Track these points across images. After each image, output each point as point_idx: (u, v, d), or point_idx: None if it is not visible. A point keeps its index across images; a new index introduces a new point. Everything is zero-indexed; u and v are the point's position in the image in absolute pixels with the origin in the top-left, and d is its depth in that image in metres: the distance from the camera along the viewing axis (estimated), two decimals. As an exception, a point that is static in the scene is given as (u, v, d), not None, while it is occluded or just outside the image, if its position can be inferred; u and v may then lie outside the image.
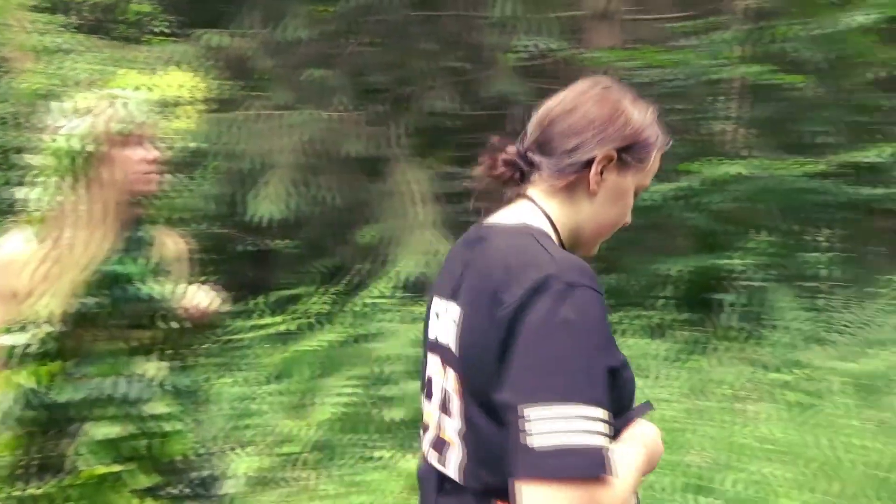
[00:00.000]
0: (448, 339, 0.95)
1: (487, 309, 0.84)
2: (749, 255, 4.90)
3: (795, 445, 3.26)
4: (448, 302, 0.98)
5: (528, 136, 1.02)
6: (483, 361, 0.85)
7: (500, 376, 0.81)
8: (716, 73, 5.31)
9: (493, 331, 0.83)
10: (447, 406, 0.96)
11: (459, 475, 0.92)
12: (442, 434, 0.97)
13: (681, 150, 5.90)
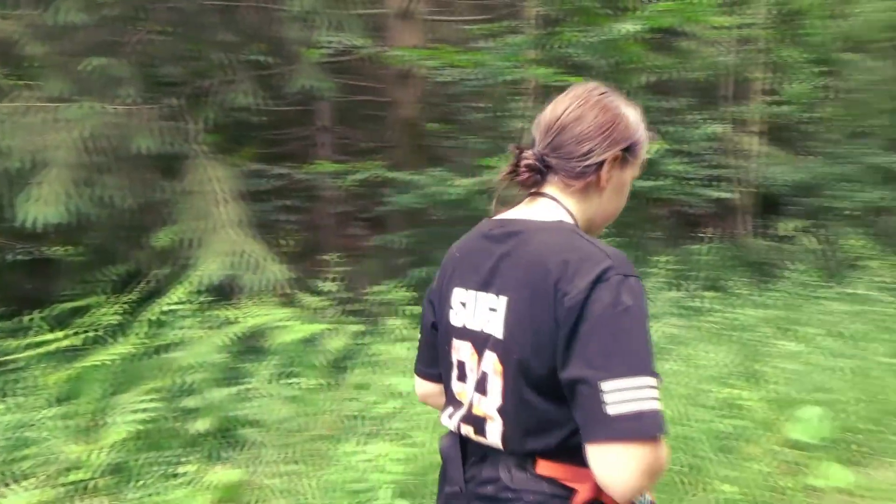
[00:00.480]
0: (485, 325, 1.07)
1: (547, 298, 0.97)
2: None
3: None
4: (478, 292, 1.10)
5: (540, 142, 1.14)
6: (541, 345, 0.97)
7: (566, 356, 0.94)
8: (511, 74, 5.65)
9: (555, 318, 0.95)
10: (483, 386, 1.08)
11: (502, 443, 1.05)
12: (475, 411, 1.10)
13: (482, 147, 6.24)
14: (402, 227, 6.17)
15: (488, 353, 1.07)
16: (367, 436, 3.39)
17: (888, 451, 3.87)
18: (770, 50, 8.71)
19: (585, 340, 0.93)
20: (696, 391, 3.83)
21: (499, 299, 1.06)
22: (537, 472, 1.04)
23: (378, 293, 5.04)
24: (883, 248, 7.12)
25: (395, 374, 3.91)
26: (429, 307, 1.28)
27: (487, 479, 1.09)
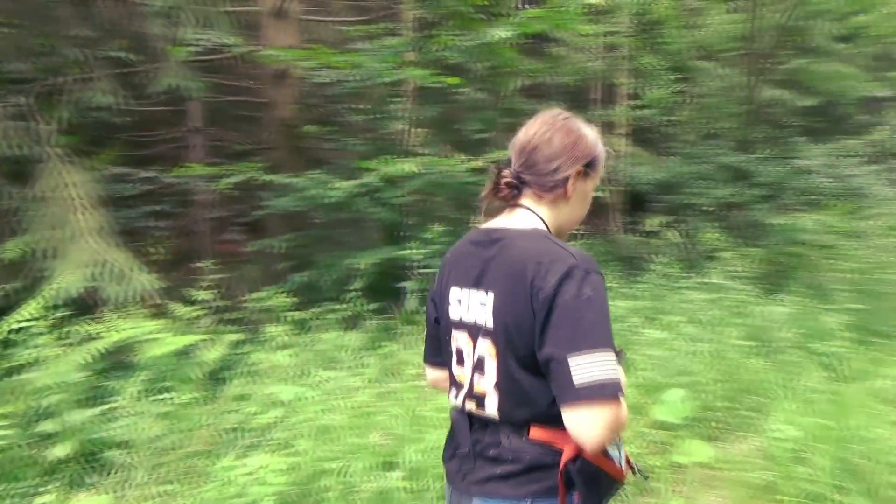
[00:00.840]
0: (478, 317, 1.31)
1: (525, 293, 1.21)
2: (427, 244, 5.35)
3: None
4: (471, 290, 1.34)
5: (516, 161, 1.37)
6: (522, 330, 1.22)
7: (542, 339, 1.18)
8: (389, 75, 5.65)
9: (533, 309, 1.19)
10: (482, 367, 1.31)
11: (498, 414, 1.30)
12: (476, 389, 1.33)
13: (362, 148, 6.20)
14: (282, 231, 6.01)
15: (482, 340, 1.32)
16: (248, 448, 3.27)
17: (742, 425, 4.23)
18: (633, 57, 9.28)
19: (556, 325, 1.18)
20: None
21: (487, 295, 1.30)
22: (531, 438, 1.29)
23: (257, 300, 4.89)
24: (734, 240, 7.78)
25: (277, 383, 3.81)
26: (431, 305, 1.51)
27: (490, 444, 1.34)
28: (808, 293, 6.55)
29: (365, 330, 4.83)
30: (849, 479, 3.35)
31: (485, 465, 1.35)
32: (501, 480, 1.31)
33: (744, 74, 8.86)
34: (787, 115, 9.88)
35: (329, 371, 4.00)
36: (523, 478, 1.30)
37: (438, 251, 5.36)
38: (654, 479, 3.50)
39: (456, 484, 1.43)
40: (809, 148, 8.64)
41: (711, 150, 8.31)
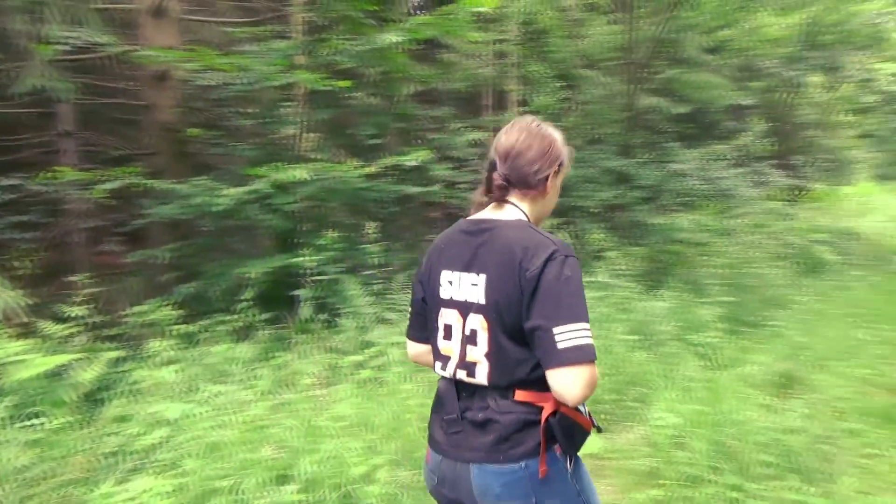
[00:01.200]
0: (469, 296, 1.52)
1: (514, 274, 1.43)
2: (321, 251, 5.26)
3: (366, 417, 3.63)
4: (462, 273, 1.54)
5: (502, 165, 1.59)
6: (511, 305, 1.44)
7: (528, 312, 1.41)
8: (277, 79, 5.51)
9: (521, 287, 1.42)
10: (474, 339, 1.51)
11: (487, 380, 1.50)
12: (468, 358, 1.53)
13: (251, 153, 6.02)
14: (166, 241, 5.71)
15: (473, 316, 1.52)
16: (130, 472, 3.08)
17: (628, 416, 4.46)
18: (521, 64, 9.55)
19: (541, 301, 1.40)
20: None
21: (479, 276, 1.51)
22: (515, 399, 1.50)
23: (139, 314, 4.61)
24: (619, 239, 8.19)
25: (162, 401, 3.61)
26: (418, 286, 1.70)
27: (479, 408, 1.53)
28: (686, 288, 7.00)
29: (257, 341, 4.68)
30: (723, 460, 3.60)
31: (475, 432, 1.53)
32: (494, 448, 1.49)
33: (624, 83, 9.35)
34: (663, 121, 10.52)
35: (219, 385, 3.84)
36: (512, 441, 1.48)
37: (333, 258, 5.29)
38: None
39: (448, 453, 1.57)
40: (683, 152, 9.25)
41: (596, 155, 8.69)
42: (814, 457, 3.74)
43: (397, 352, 4.40)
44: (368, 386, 4.09)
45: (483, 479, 1.50)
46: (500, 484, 1.49)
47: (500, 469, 1.49)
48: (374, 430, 3.49)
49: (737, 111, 13.52)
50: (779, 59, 13.11)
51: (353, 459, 3.14)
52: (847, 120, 18.15)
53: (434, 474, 1.63)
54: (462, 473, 1.53)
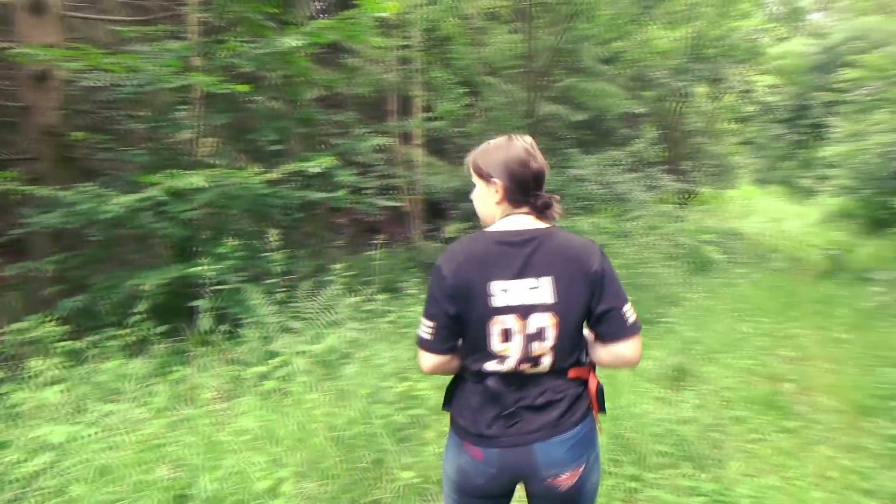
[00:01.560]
0: (528, 299, 1.72)
1: (581, 272, 1.73)
2: (221, 259, 5.08)
3: (270, 430, 3.53)
4: (515, 280, 1.72)
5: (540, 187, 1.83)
6: (581, 298, 1.74)
7: (600, 299, 1.74)
8: (170, 81, 5.27)
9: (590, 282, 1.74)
10: (541, 335, 1.73)
11: (550, 367, 1.76)
12: (533, 353, 1.74)
13: (144, 159, 5.73)
14: (49, 252, 5.33)
15: (538, 315, 1.74)
16: (10, 502, 2.86)
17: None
18: (425, 71, 9.63)
19: (607, 288, 1.75)
20: (376, 389, 4.04)
21: (539, 280, 1.73)
22: (569, 377, 1.81)
23: (19, 331, 4.28)
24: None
25: (45, 423, 3.36)
26: (447, 303, 1.76)
27: (536, 394, 1.78)
28: (586, 289, 7.27)
29: (152, 355, 4.46)
30: (622, 453, 3.77)
31: (534, 416, 1.77)
32: (558, 422, 1.77)
33: (524, 90, 9.61)
34: (562, 128, 10.91)
35: (110, 404, 3.63)
36: (571, 411, 1.79)
37: (234, 266, 5.11)
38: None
39: (502, 443, 1.77)
40: (582, 158, 9.62)
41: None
42: (705, 444, 3.98)
43: (302, 361, 4.31)
44: (273, 397, 3.98)
45: (548, 452, 1.77)
46: (564, 450, 1.78)
47: (563, 437, 1.77)
48: (278, 443, 3.40)
49: (631, 119, 14.21)
50: (668, 70, 13.90)
51: (256, 474, 3.05)
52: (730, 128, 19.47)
53: (491, 468, 1.79)
54: (524, 456, 1.77)
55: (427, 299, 1.83)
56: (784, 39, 15.73)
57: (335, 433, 3.50)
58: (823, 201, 21.00)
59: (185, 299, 5.13)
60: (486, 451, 1.78)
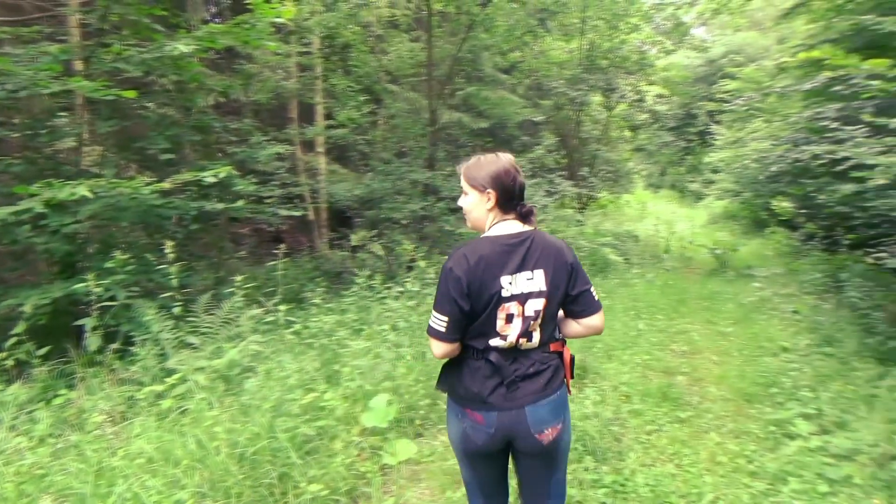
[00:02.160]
0: (525, 288, 2.12)
1: (563, 264, 2.16)
2: (110, 275, 4.79)
3: (166, 451, 3.36)
4: (517, 274, 2.11)
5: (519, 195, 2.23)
6: (563, 284, 2.16)
7: (573, 284, 2.18)
8: (48, 86, 4.93)
9: (569, 272, 2.17)
10: (536, 316, 2.14)
11: (539, 342, 2.18)
12: (530, 329, 2.15)
13: (19, 168, 5.34)
14: None
15: (533, 300, 2.13)
16: None
17: (441, 419, 4.60)
18: (326, 78, 9.52)
19: (579, 275, 2.21)
20: (281, 402, 3.93)
21: (534, 272, 2.14)
22: (550, 350, 2.24)
23: None
24: (427, 249, 8.44)
25: None
26: (462, 300, 2.10)
27: (527, 365, 2.18)
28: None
29: (33, 380, 4.14)
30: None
31: (527, 383, 2.17)
32: (544, 387, 2.19)
33: (426, 98, 9.69)
34: (464, 135, 11.08)
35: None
36: (553, 378, 2.22)
37: (124, 281, 4.84)
38: (366, 484, 3.62)
39: (505, 407, 2.17)
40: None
41: (403, 168, 8.90)
42: (606, 438, 4.13)
43: (202, 377, 4.13)
44: (170, 417, 3.79)
45: (536, 413, 2.17)
46: (547, 410, 2.18)
47: (548, 400, 2.18)
48: (176, 464, 3.24)
49: (530, 127, 14.63)
50: (564, 80, 14.42)
51: (152, 498, 2.89)
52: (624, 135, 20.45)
53: (490, 428, 2.18)
54: (517, 417, 2.16)
55: (439, 297, 2.15)
56: (670, 52, 16.64)
57: (238, 450, 3.38)
58: (710, 204, 22.45)
59: (72, 318, 4.81)
60: (486, 414, 2.17)
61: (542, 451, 2.22)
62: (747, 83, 16.28)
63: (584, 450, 3.94)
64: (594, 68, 14.81)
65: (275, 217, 7.00)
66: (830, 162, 7.24)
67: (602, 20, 13.88)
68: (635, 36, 15.31)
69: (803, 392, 4.75)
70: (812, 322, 6.68)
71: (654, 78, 16.77)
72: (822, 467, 3.66)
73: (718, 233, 17.20)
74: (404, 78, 10.11)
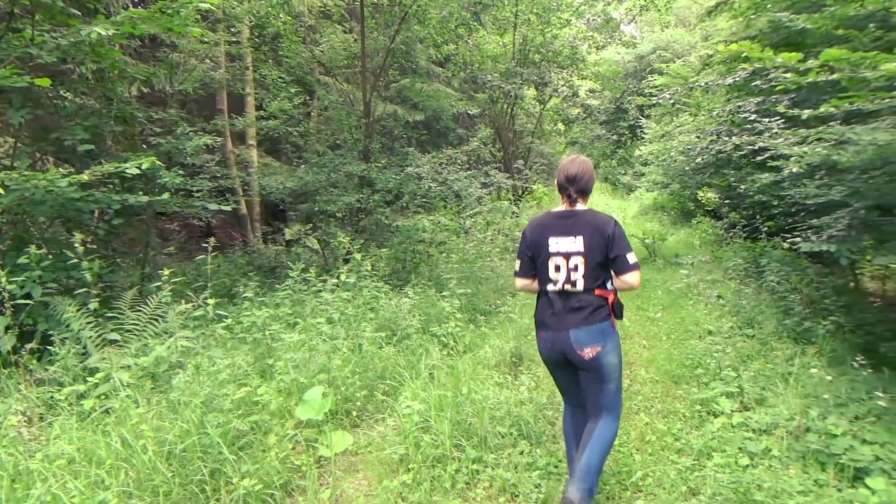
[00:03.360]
0: (570, 248, 3.04)
1: (602, 233, 3.00)
2: (24, 271, 4.55)
3: (89, 451, 3.23)
4: (564, 237, 3.06)
5: (572, 186, 3.09)
6: (600, 249, 3.00)
7: (612, 249, 2.99)
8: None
9: (605, 239, 3.00)
10: (576, 268, 3.03)
11: (582, 287, 3.04)
12: (572, 278, 3.04)
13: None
14: None
15: (574, 257, 3.01)
16: None
17: (378, 409, 4.58)
18: (256, 68, 9.29)
19: (616, 244, 2.97)
20: (211, 397, 3.83)
21: (576, 238, 3.01)
22: (595, 294, 3.02)
23: None
24: (363, 242, 8.37)
25: None
26: (528, 249, 3.19)
27: (574, 302, 3.02)
28: (429, 284, 7.41)
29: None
30: (464, 437, 3.88)
31: (572, 314, 3.02)
32: (585, 319, 3.00)
33: (360, 90, 9.59)
34: (399, 128, 11.04)
35: None
36: (592, 315, 3.00)
37: (40, 278, 4.60)
38: (301, 477, 3.57)
39: (554, 329, 3.07)
40: (420, 157, 9.77)
41: (338, 160, 8.78)
42: (540, 422, 4.20)
43: (126, 375, 3.98)
44: (94, 417, 3.63)
45: (576, 335, 3.01)
46: (585, 334, 3.00)
47: (587, 328, 3.00)
48: (100, 464, 3.11)
49: (466, 120, 14.70)
50: (498, 74, 14.54)
51: (74, 500, 2.77)
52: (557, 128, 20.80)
53: (548, 342, 3.12)
54: (563, 337, 3.04)
55: (518, 250, 3.30)
56: (601, 48, 17.02)
57: (166, 448, 3.27)
58: (640, 196, 23.13)
59: (-19, 318, 4.53)
60: (546, 333, 3.14)
61: (588, 366, 3.05)
62: (674, 78, 16.83)
63: (520, 434, 4.00)
64: (527, 62, 15.00)
65: (204, 211, 6.78)
66: (751, 153, 7.56)
67: (534, 14, 14.06)
68: (567, 31, 15.58)
69: (726, 372, 4.95)
70: (735, 306, 6.97)
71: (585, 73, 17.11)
72: (743, 442, 3.82)
73: (648, 223, 17.74)
74: (338, 69, 9.98)
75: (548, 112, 18.05)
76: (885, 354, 4.96)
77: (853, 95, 3.94)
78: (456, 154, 10.48)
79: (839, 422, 3.73)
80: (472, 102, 13.89)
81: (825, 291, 6.26)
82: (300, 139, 9.69)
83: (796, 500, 3.18)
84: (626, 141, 28.40)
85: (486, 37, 14.45)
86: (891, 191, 4.50)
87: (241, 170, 9.33)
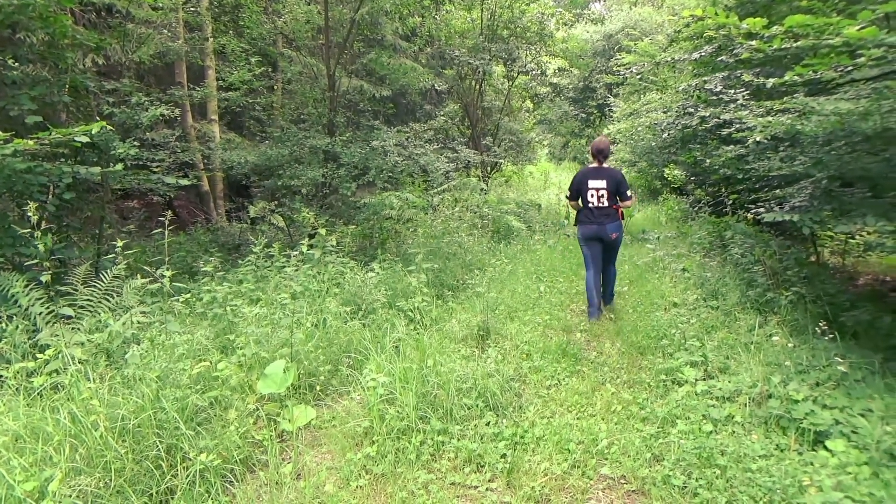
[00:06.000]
0: (599, 186, 6.31)
1: (614, 179, 6.36)
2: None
3: (36, 428, 3.10)
4: (595, 180, 6.34)
5: (600, 154, 6.42)
6: (612, 186, 6.33)
7: (620, 189, 6.35)
8: None
9: (617, 182, 6.35)
10: (604, 196, 6.32)
11: (607, 204, 6.35)
12: (601, 201, 6.34)
13: None
14: None
15: (602, 190, 6.28)
16: None
17: (342, 383, 4.51)
18: (216, 38, 8.99)
19: (622, 185, 6.34)
20: (168, 372, 3.72)
21: (602, 181, 6.30)
22: (614, 207, 6.34)
23: None
24: (328, 217, 8.24)
25: None
26: (576, 185, 6.45)
27: (605, 211, 6.32)
28: (395, 260, 7.33)
29: None
30: (429, 409, 3.83)
31: (602, 216, 6.27)
32: (612, 218, 6.29)
33: (324, 64, 9.37)
34: (365, 102, 10.83)
35: None
36: (613, 216, 6.30)
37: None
38: (263, 452, 3.49)
39: (596, 223, 6.29)
40: (386, 132, 9.61)
41: (302, 134, 8.59)
42: (507, 394, 4.17)
43: (79, 351, 3.83)
44: (43, 394, 3.49)
45: (608, 227, 6.24)
46: (611, 226, 6.26)
47: (612, 223, 6.26)
48: (47, 440, 2.98)
49: (433, 96, 14.52)
50: (466, 49, 14.36)
51: (17, 477, 2.64)
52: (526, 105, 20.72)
53: (590, 229, 6.30)
54: (601, 228, 6.26)
55: (570, 184, 6.53)
56: (570, 25, 16.91)
57: (118, 423, 3.15)
58: (608, 174, 23.24)
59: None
60: (590, 226, 6.30)
61: (611, 243, 6.33)
62: (642, 56, 16.83)
63: (486, 406, 3.97)
64: (496, 38, 14.84)
65: (162, 186, 6.57)
66: (716, 126, 7.60)
67: (502, -11, 13.88)
68: (533, 7, 15.43)
69: (691, 342, 4.99)
70: (700, 279, 7.04)
71: (554, 49, 17.00)
72: (707, 409, 3.85)
73: (616, 201, 17.80)
74: (301, 42, 9.72)
75: (516, 89, 17.94)
76: (845, 323, 5.04)
77: (817, 63, 3.94)
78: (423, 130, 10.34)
79: (800, 388, 3.77)
80: (440, 78, 13.71)
81: (787, 263, 6.34)
82: (263, 113, 9.45)
83: (758, 464, 3.20)
84: (595, 120, 28.48)
85: (453, 12, 14.24)
86: (852, 160, 4.54)
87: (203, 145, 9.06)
